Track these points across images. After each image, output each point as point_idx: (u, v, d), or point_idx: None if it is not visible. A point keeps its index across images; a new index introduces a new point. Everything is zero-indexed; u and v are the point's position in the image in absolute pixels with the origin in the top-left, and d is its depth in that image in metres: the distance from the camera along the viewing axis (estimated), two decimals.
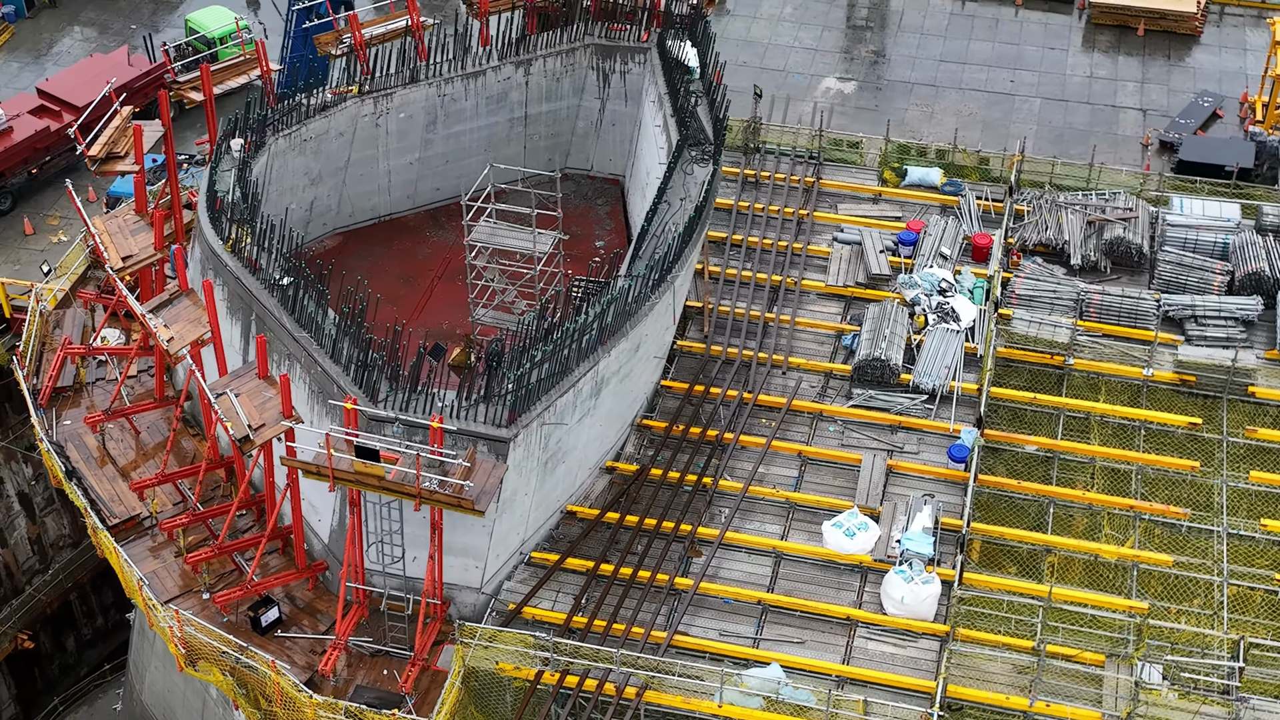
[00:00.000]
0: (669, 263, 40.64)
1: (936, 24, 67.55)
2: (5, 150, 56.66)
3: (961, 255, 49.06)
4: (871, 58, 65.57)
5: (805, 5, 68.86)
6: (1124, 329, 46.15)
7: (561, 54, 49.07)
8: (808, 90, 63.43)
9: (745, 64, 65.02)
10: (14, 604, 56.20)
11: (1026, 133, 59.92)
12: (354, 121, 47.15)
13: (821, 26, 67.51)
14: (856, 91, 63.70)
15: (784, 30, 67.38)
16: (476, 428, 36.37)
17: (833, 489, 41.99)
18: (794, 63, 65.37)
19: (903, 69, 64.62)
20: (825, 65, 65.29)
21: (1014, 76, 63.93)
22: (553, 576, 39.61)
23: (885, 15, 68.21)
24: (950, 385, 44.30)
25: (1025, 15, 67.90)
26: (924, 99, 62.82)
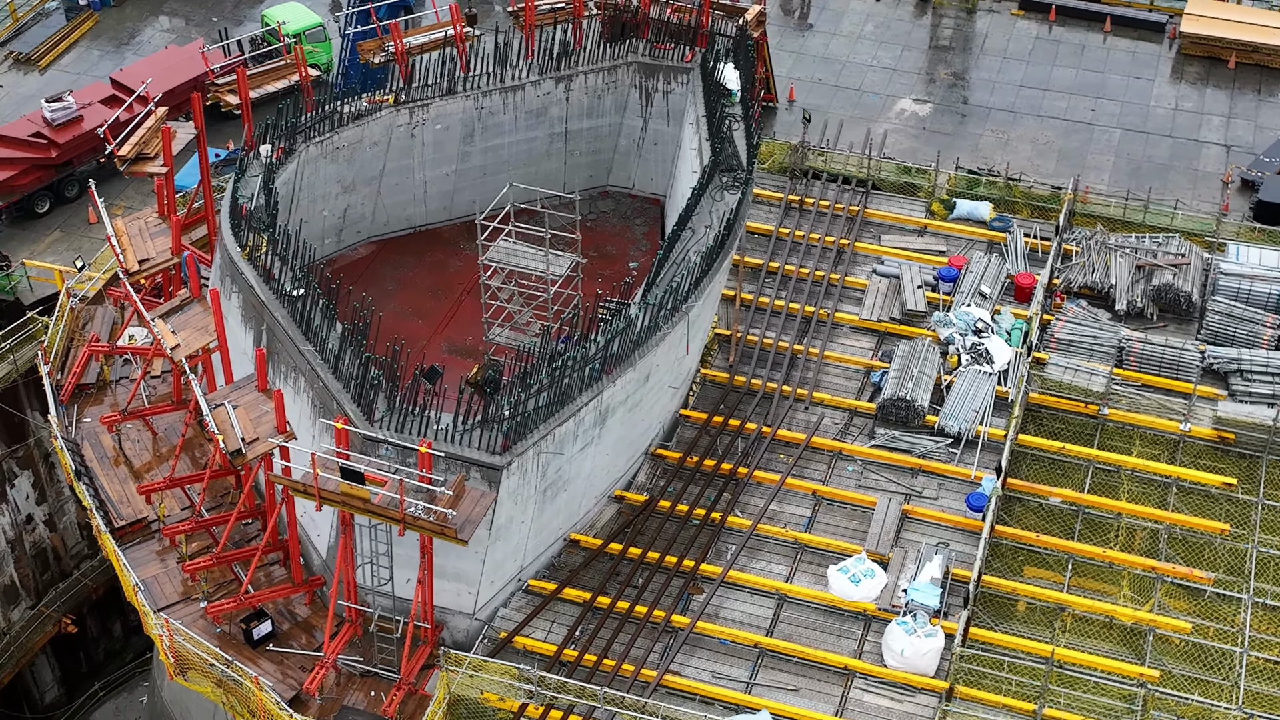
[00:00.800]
0: (684, 292, 39.75)
1: (1020, 48, 65.92)
2: (74, 138, 56.99)
3: (1003, 294, 47.67)
4: (950, 80, 64.13)
5: (887, 24, 67.52)
6: (1164, 380, 44.52)
7: (603, 71, 48.38)
8: (882, 111, 62.18)
9: (820, 81, 63.98)
10: (60, 587, 56.56)
11: (1103, 164, 58.35)
12: (389, 131, 46.80)
13: (902, 46, 66.15)
14: (931, 114, 62.32)
15: (863, 48, 66.13)
16: (470, 453, 35.78)
17: (845, 531, 40.90)
18: (870, 81, 64.11)
19: (981, 93, 63.16)
20: (902, 86, 63.95)
21: (1095, 105, 62.20)
22: (549, 606, 38.93)
23: (969, 37, 66.71)
24: (977, 430, 42.97)
25: (1113, 43, 66.08)
26: (1000, 125, 61.30)
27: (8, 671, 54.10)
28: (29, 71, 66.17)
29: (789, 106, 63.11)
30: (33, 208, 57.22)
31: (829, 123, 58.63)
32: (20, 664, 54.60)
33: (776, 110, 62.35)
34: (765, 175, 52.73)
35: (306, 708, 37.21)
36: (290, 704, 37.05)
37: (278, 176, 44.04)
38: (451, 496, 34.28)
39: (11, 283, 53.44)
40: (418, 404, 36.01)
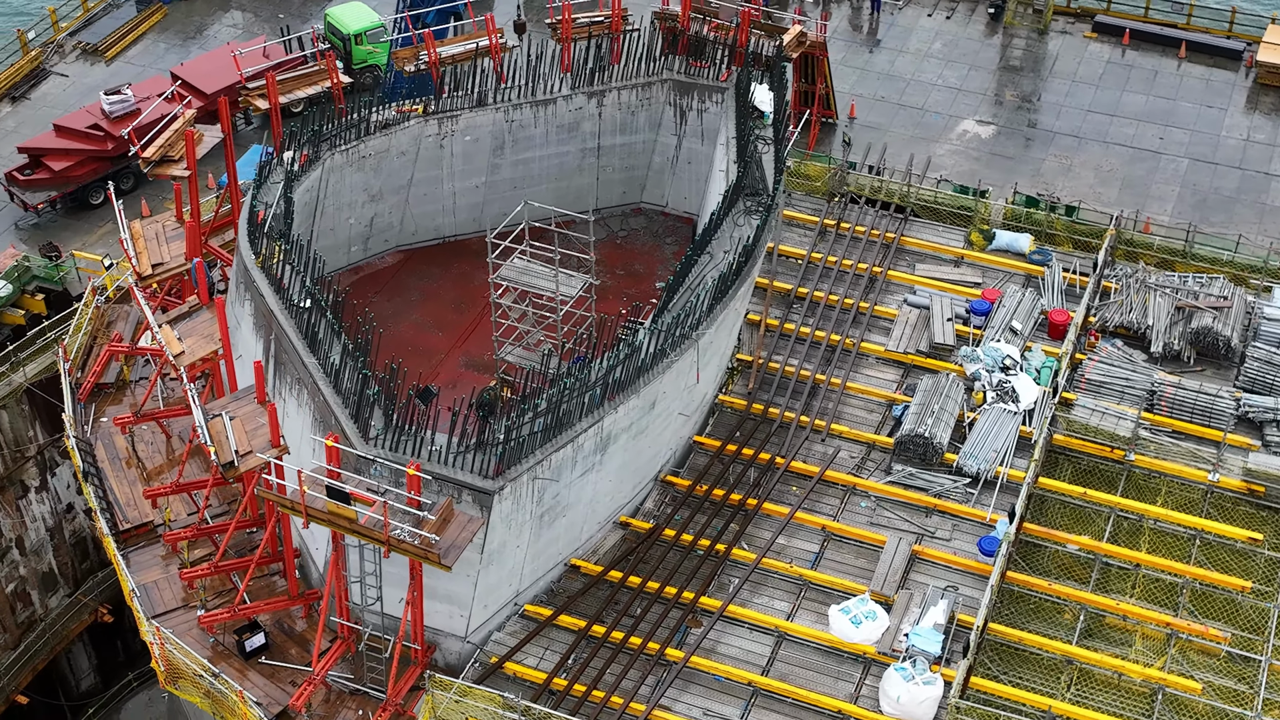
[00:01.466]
0: (694, 320, 39.01)
1: (1091, 71, 64.39)
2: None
3: (1036, 331, 46.42)
4: (1016, 102, 62.74)
5: (956, 42, 66.25)
6: (1195, 427, 43.11)
7: (637, 88, 47.75)
8: (943, 131, 61.02)
9: (883, 99, 62.93)
10: (98, 576, 56.80)
11: (1168, 194, 56.92)
12: (417, 141, 46.46)
13: (970, 65, 64.85)
14: (994, 136, 61.06)
15: (929, 66, 64.92)
16: (463, 476, 35.27)
17: (852, 570, 39.95)
18: (934, 101, 62.94)
19: (1047, 116, 61.78)
20: (966, 106, 62.70)
21: (1164, 134, 60.64)
22: (544, 632, 38.35)
23: (1039, 58, 65.22)
24: (997, 471, 41.83)
25: (1187, 69, 64.35)
26: (1064, 150, 59.92)
27: (43, 657, 54.41)
28: (95, 62, 66.65)
29: (849, 123, 62.10)
30: (87, 199, 57.49)
31: (874, 145, 57.71)
32: (56, 650, 54.78)
33: (836, 127, 61.37)
34: (803, 198, 51.82)
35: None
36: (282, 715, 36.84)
37: (300, 183, 43.87)
38: (438, 520, 33.76)
39: (60, 273, 53.74)
40: (414, 423, 35.55)
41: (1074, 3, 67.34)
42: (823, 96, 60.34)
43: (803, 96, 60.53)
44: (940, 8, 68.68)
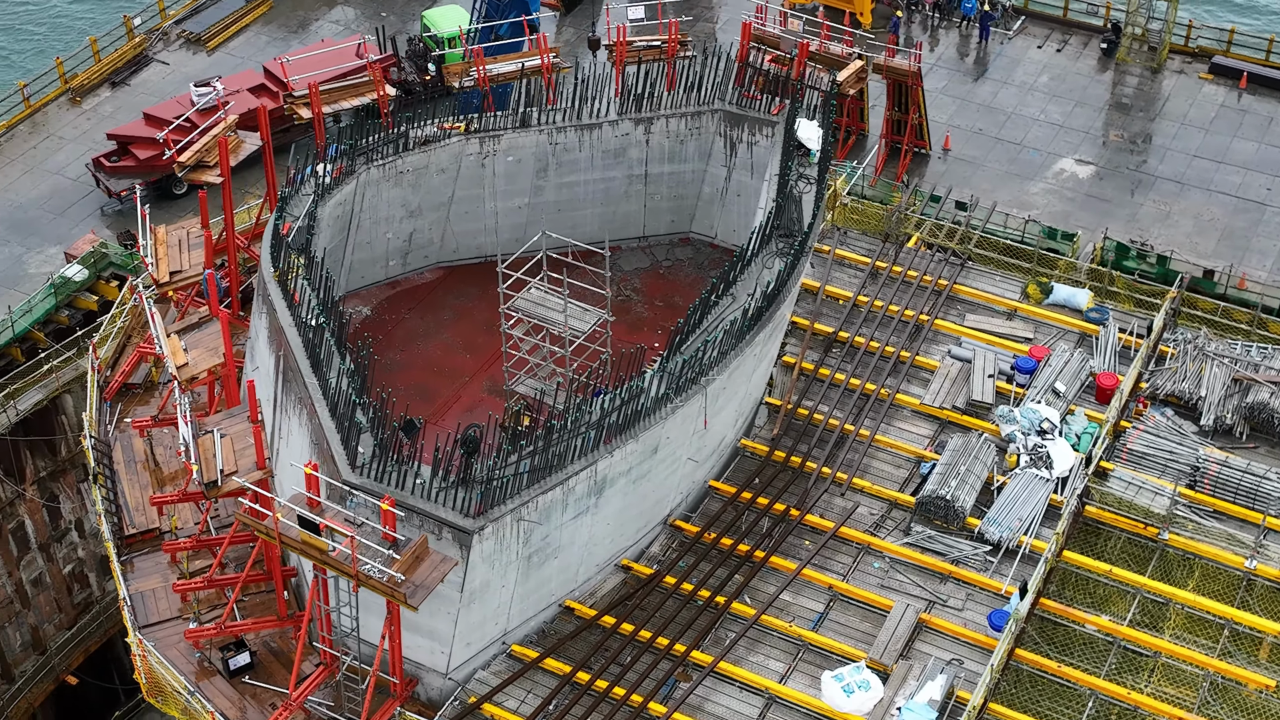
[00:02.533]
0: (702, 366, 37.78)
1: (1202, 114, 61.88)
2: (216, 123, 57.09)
3: (1083, 394, 44.36)
4: (1119, 142, 60.43)
5: (1064, 77, 64.04)
6: (1238, 509, 40.86)
7: (686, 116, 46.57)
8: (1039, 170, 59.04)
9: (980, 131, 61.15)
10: None
11: (1269, 249, 54.60)
12: (458, 159, 45.78)
13: (1075, 102, 62.66)
14: (1092, 177, 58.95)
15: (1033, 100, 62.89)
16: (444, 513, 34.46)
17: (854, 634, 38.43)
18: (1034, 137, 60.98)
19: (1151, 159, 59.53)
20: (1066, 144, 60.65)
21: (1272, 184, 57.98)
22: (529, 675, 37.41)
23: (1150, 98, 62.77)
24: (1020, 540, 40.00)
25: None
26: (1165, 196, 57.63)
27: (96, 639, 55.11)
28: (197, 52, 67.18)
29: (943, 155, 60.38)
30: (170, 189, 57.82)
31: (967, 179, 55.96)
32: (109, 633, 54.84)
33: (929, 159, 59.70)
34: (858, 237, 50.26)
35: None
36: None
37: (332, 196, 43.41)
38: (409, 558, 32.99)
39: (134, 261, 53.98)
40: (397, 455, 34.82)
41: (1192, 42, 64.74)
42: (915, 126, 58.73)
43: (895, 125, 59.00)
44: (1052, 39, 66.53)
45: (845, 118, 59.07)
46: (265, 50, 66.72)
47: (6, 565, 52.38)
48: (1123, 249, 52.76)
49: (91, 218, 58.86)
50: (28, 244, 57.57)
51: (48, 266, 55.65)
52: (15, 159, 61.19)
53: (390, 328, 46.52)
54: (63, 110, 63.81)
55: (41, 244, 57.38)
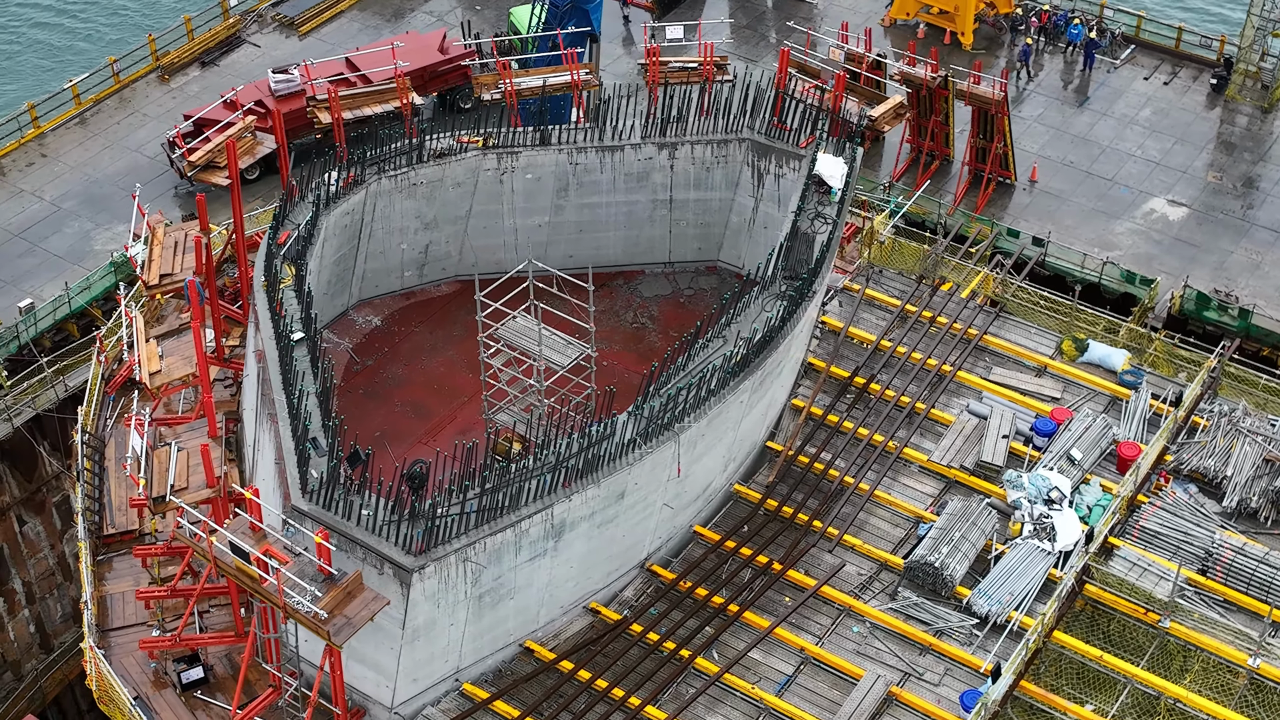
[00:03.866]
0: (675, 414, 36.36)
1: None
2: (290, 112, 56.69)
3: (1104, 462, 42.03)
4: (1216, 184, 57.58)
5: (1168, 112, 61.21)
6: (1249, 600, 38.38)
7: (713, 144, 45.06)
8: (1128, 208, 56.48)
9: (1071, 164, 58.80)
10: None
11: None
12: (474, 174, 44.84)
13: (1177, 139, 59.85)
14: (1183, 220, 56.28)
15: (1131, 135, 60.23)
16: (385, 548, 33.53)
17: (819, 702, 36.76)
18: (1126, 173, 58.39)
19: (1250, 205, 56.57)
20: (1161, 183, 57.96)
21: None
22: (479, 716, 36.35)
23: (1258, 138, 59.68)
24: (1010, 615, 37.97)
25: None
26: (1259, 245, 54.79)
27: None
28: (289, 35, 66.96)
29: (1029, 187, 58.08)
30: (243, 174, 57.57)
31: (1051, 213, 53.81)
32: None
33: (1013, 189, 57.49)
34: (893, 277, 48.27)
35: None
36: None
37: (338, 205, 42.72)
38: (339, 593, 32.10)
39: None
40: (345, 484, 33.96)
41: None
42: (1000, 156, 56.55)
43: (979, 153, 56.92)
44: (1160, 71, 63.66)
45: (930, 141, 57.19)
46: (356, 37, 66.18)
47: (50, 538, 52.63)
48: (1203, 298, 50.18)
49: (163, 197, 58.77)
50: (97, 220, 57.81)
51: (114, 244, 55.63)
52: (99, 133, 61.48)
53: (398, 340, 45.78)
54: (150, 87, 63.95)
55: (111, 220, 57.52)
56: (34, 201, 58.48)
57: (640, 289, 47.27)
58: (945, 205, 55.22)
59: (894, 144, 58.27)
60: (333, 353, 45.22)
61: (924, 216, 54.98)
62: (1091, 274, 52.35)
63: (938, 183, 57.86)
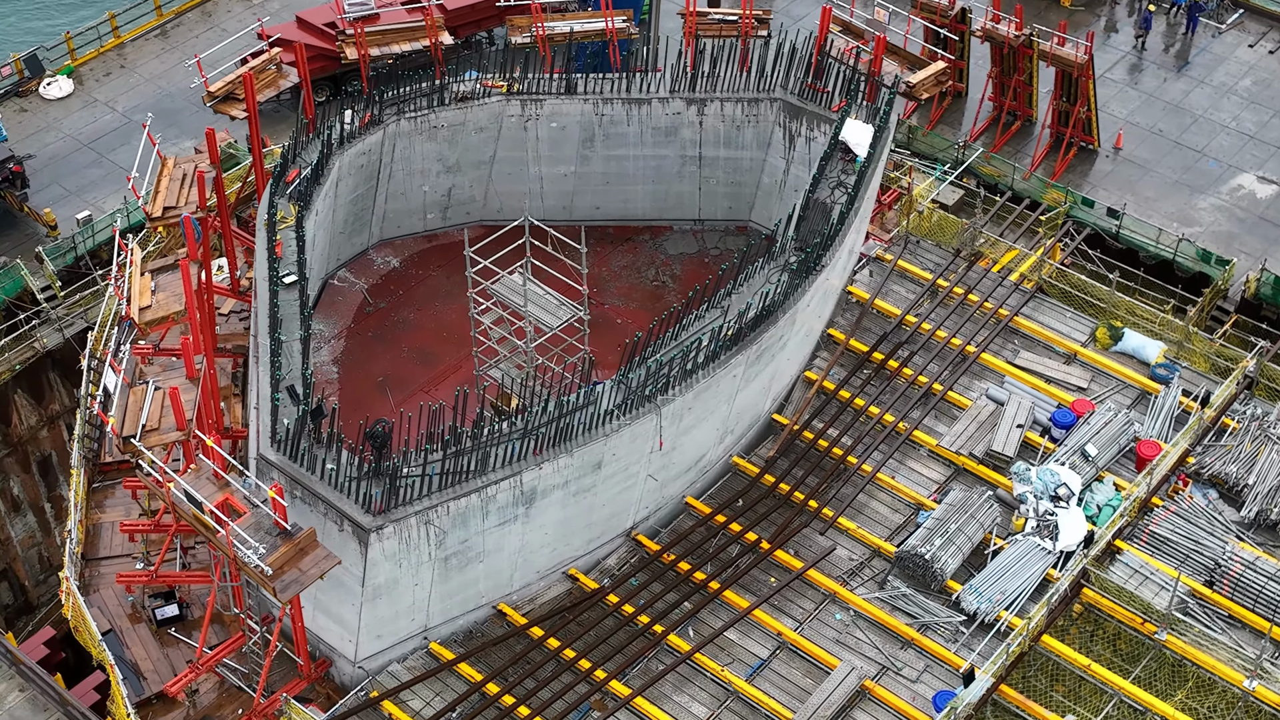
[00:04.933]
0: (657, 386, 35.29)
1: None
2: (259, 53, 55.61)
3: (1123, 459, 40.24)
4: None
5: (1270, 82, 58.50)
6: (1253, 617, 36.59)
7: (743, 102, 43.55)
8: (1214, 183, 54.15)
9: (1159, 133, 56.49)
10: None
11: None
12: (498, 119, 43.84)
13: (1275, 112, 57.20)
14: (1271, 199, 53.82)
15: (1227, 105, 57.67)
16: (346, 506, 33.00)
17: (789, 690, 35.76)
18: (1216, 146, 55.99)
19: None
20: (1252, 158, 55.49)
21: None
22: (442, 677, 35.87)
23: None
24: (999, 615, 36.60)
25: None
26: None
27: None
28: None
29: (1112, 154, 55.87)
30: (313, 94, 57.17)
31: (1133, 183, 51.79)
32: None
33: (1095, 156, 55.35)
34: (929, 249, 46.51)
35: (165, 708, 35.91)
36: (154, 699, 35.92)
37: (353, 145, 42.02)
38: (291, 550, 31.64)
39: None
40: (322, 436, 33.39)
41: None
42: (1083, 120, 54.40)
43: (1061, 116, 54.82)
44: (1267, 39, 60.74)
45: (1012, 101, 55.30)
46: None
47: None
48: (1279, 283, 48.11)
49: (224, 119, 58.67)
50: (166, 134, 57.59)
51: None
52: (177, 46, 61.25)
53: (414, 284, 45.12)
54: (233, 2, 63.63)
55: (180, 136, 57.37)
56: (106, 112, 58.52)
57: (666, 246, 46.08)
58: (1022, 169, 53.32)
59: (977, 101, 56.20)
60: (347, 293, 44.81)
61: (997, 179, 53.18)
62: (1165, 250, 50.26)
63: (1017, 144, 55.82)
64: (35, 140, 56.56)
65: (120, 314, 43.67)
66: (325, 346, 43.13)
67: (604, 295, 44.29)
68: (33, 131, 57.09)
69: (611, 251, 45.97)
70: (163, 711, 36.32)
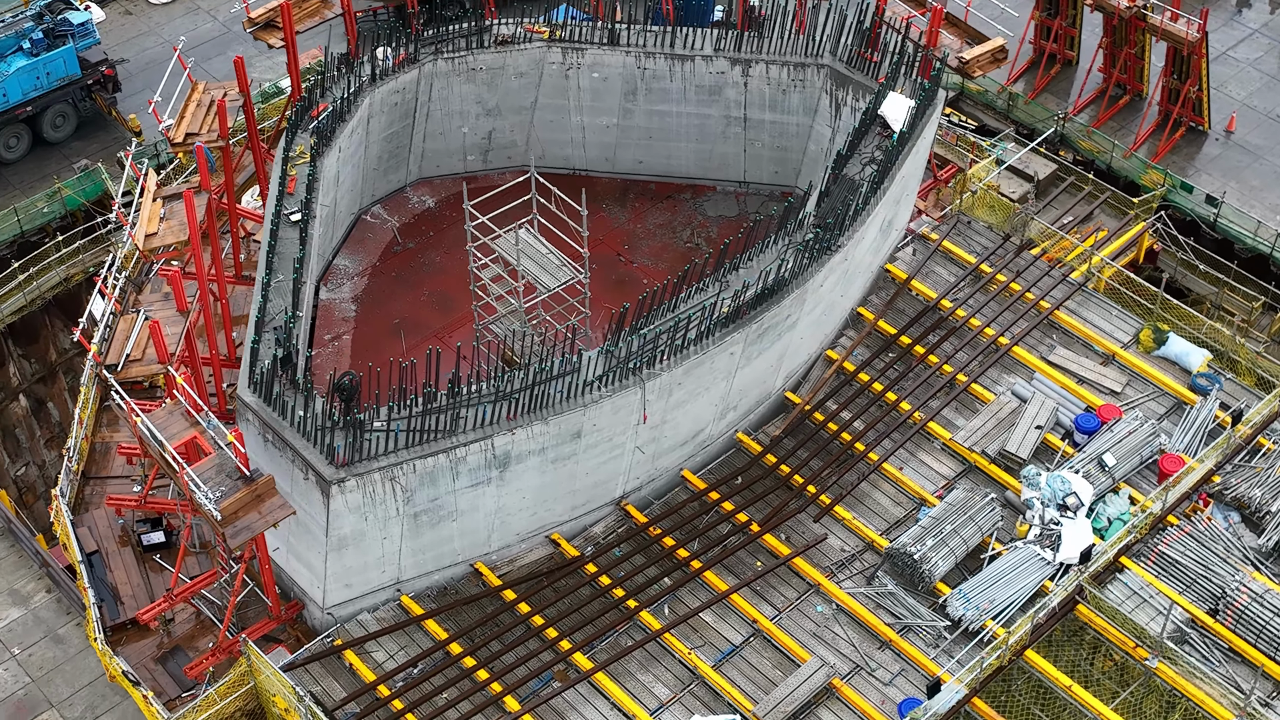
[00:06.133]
0: (642, 360, 34.34)
1: None
2: None
3: (1146, 472, 38.40)
4: None
5: None
6: (1254, 652, 34.79)
7: (789, 66, 42.03)
8: None
9: (1276, 118, 53.74)
10: None
11: None
12: (538, 66, 42.91)
13: None
14: None
15: None
16: (311, 456, 32.71)
17: (755, 681, 34.85)
18: None
19: None
20: None
21: None
22: (409, 632, 35.59)
23: None
24: (986, 624, 35.26)
25: None
26: None
27: None
28: None
29: (1223, 138, 53.47)
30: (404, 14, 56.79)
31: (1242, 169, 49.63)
32: None
33: (1204, 138, 53.03)
34: (981, 231, 44.68)
35: (139, 634, 36.24)
36: (128, 624, 36.29)
37: (386, 83, 41.43)
38: (247, 496, 31.50)
39: None
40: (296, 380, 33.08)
41: None
42: (1193, 100, 52.07)
43: (1171, 94, 52.52)
44: None
45: (1122, 74, 53.25)
46: None
47: None
48: None
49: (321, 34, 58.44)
50: (258, 46, 57.81)
51: (271, 75, 55.32)
52: None
53: (445, 225, 44.51)
54: None
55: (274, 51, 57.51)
56: (208, 20, 58.79)
57: (706, 207, 44.89)
58: (1123, 146, 51.07)
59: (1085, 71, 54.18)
60: (378, 229, 44.42)
61: (1096, 155, 51.09)
62: (1263, 244, 47.94)
63: (1123, 120, 53.53)
64: (134, 44, 56.98)
65: None
66: (348, 283, 42.82)
67: (634, 253, 43.31)
68: (134, 35, 57.51)
69: (650, 208, 44.91)
70: (136, 637, 36.63)
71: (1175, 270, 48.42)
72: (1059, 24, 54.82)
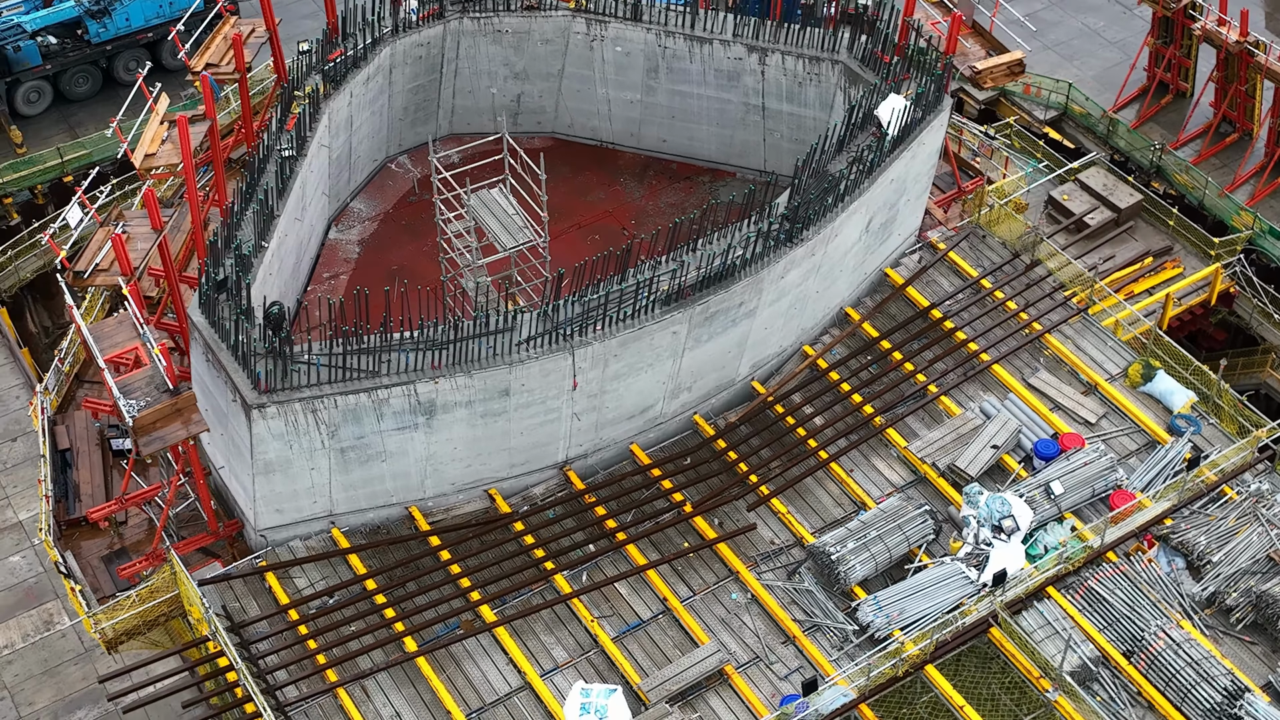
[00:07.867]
0: (572, 326, 34.82)
1: None
2: None
3: (1096, 505, 37.58)
4: None
5: None
6: (1160, 698, 33.90)
7: (804, 58, 41.94)
8: None
9: None
10: None
11: None
12: (564, 35, 43.56)
13: None
14: None
15: None
16: (237, 377, 33.96)
17: (651, 657, 35.14)
18: None
19: None
20: None
21: None
22: (334, 564, 36.72)
23: None
24: (894, 633, 35.01)
25: None
26: None
27: None
28: None
29: None
30: None
31: None
32: None
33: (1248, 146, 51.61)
34: (994, 246, 43.99)
35: (92, 532, 38.03)
36: (82, 521, 38.09)
37: (408, 35, 42.51)
38: (166, 409, 32.92)
39: None
40: (239, 308, 34.32)
41: None
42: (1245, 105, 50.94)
43: (1278, 136, 51.21)
44: None
45: (1232, 110, 52.14)
46: None
47: None
48: None
49: None
50: None
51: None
52: None
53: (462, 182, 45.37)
54: None
55: None
56: None
57: (720, 192, 45.01)
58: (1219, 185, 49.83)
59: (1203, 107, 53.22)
60: (399, 178, 45.58)
61: (1189, 190, 49.86)
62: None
63: (1226, 158, 52.17)
64: None
65: None
66: (357, 226, 44.08)
67: (639, 228, 43.66)
68: None
69: (667, 187, 45.26)
70: (88, 535, 38.39)
71: (1250, 316, 47.05)
72: (1173, 52, 53.49)
